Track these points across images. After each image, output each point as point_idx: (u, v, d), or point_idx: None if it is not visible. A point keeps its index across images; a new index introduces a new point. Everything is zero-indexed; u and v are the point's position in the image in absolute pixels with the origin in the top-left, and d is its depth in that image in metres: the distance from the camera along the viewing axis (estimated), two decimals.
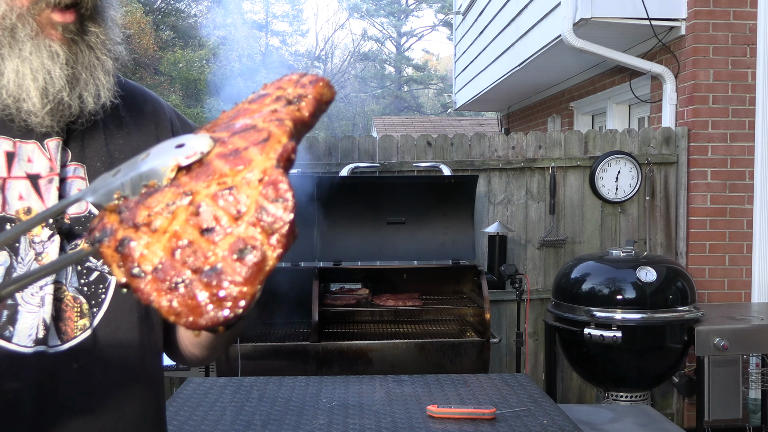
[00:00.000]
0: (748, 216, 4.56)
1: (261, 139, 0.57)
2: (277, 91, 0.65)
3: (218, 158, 0.56)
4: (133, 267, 0.55)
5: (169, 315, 0.54)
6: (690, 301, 3.70)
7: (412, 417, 2.06)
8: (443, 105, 28.65)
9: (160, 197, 0.56)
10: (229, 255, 0.53)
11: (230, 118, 0.64)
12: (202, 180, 0.55)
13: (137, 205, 0.56)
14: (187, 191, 0.55)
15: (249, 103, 0.66)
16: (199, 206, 0.54)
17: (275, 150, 0.56)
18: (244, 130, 0.59)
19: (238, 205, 0.54)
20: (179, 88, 20.38)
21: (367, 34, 31.24)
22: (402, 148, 4.59)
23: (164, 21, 23.56)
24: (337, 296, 3.94)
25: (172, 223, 0.55)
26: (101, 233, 0.57)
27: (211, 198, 0.54)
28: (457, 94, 9.60)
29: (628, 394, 3.79)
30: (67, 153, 0.95)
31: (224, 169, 0.55)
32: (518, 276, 4.00)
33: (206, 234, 0.54)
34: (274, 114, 0.60)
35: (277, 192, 0.54)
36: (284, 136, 0.57)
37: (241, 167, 0.55)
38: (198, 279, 0.53)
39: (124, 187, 0.58)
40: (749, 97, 4.54)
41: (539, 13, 5.67)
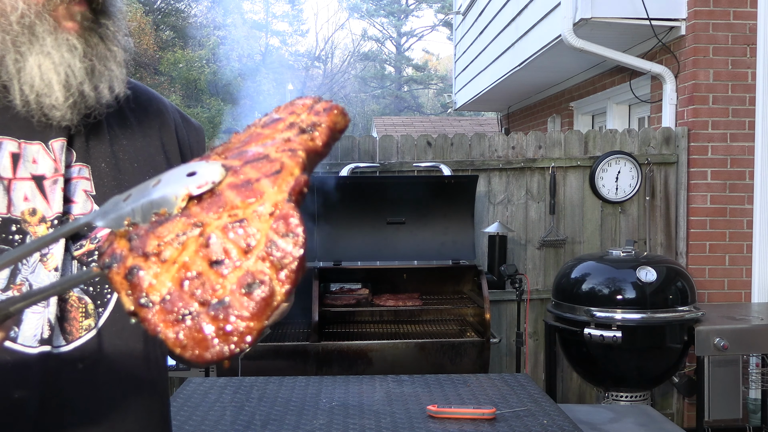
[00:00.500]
0: (748, 216, 4.56)
1: (273, 171, 0.56)
2: (290, 116, 0.64)
3: (230, 189, 0.56)
4: (142, 296, 0.55)
5: (174, 347, 0.54)
6: (690, 301, 3.70)
7: (412, 417, 2.06)
8: (443, 105, 28.65)
9: (171, 227, 0.56)
10: (237, 289, 0.53)
11: (242, 143, 0.63)
12: (213, 211, 0.55)
13: (147, 233, 0.56)
14: (198, 222, 0.55)
15: (261, 128, 0.65)
16: (209, 238, 0.54)
17: (287, 183, 0.56)
18: (256, 159, 0.58)
19: (248, 238, 0.53)
20: (179, 88, 20.38)
21: (367, 34, 31.24)
22: (402, 148, 4.59)
23: (164, 21, 23.56)
24: (337, 296, 3.94)
25: (182, 254, 0.54)
26: (111, 259, 0.57)
27: (221, 230, 0.54)
28: (457, 94, 9.60)
29: (628, 394, 3.79)
30: (71, 153, 0.95)
31: (235, 201, 0.55)
32: (518, 276, 4.00)
33: (215, 266, 0.53)
34: (287, 144, 0.60)
35: (288, 227, 0.53)
36: (297, 168, 0.57)
37: (253, 200, 0.55)
38: (205, 312, 0.53)
39: (135, 214, 0.58)
40: (749, 97, 4.54)
41: (539, 13, 5.67)
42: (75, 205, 0.94)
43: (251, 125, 0.69)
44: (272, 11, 30.91)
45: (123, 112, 1.02)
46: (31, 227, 0.90)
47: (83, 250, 0.93)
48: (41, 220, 0.90)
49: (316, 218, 3.98)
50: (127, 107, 1.03)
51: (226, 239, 0.54)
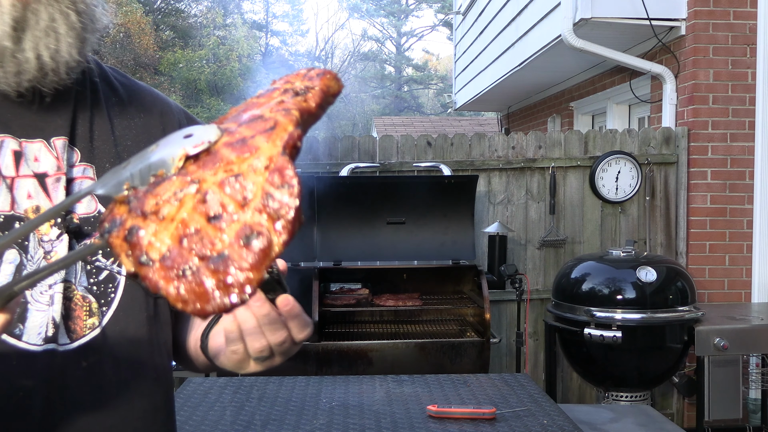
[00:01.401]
0: (748, 216, 4.57)
1: (267, 128, 0.58)
2: (285, 84, 0.66)
3: (225, 147, 0.57)
4: (142, 255, 0.55)
5: (176, 302, 0.54)
6: (690, 301, 3.70)
7: (412, 417, 2.06)
8: (443, 105, 28.65)
9: (168, 186, 0.57)
10: (235, 241, 0.53)
11: (239, 111, 0.65)
12: (209, 168, 0.56)
13: (146, 194, 0.57)
14: (195, 179, 0.56)
15: (257, 98, 0.66)
16: (206, 194, 0.55)
17: (281, 138, 0.57)
18: (251, 120, 0.60)
19: (244, 191, 0.54)
20: (179, 88, 20.39)
21: (367, 34, 31.25)
22: (402, 148, 4.59)
23: (164, 21, 23.56)
24: (337, 296, 3.94)
25: (180, 211, 0.55)
26: (110, 224, 0.58)
27: (217, 185, 0.55)
28: (457, 94, 9.60)
29: (628, 394, 3.79)
30: (75, 153, 0.94)
31: (231, 157, 0.56)
32: (518, 276, 4.00)
33: (213, 221, 0.54)
34: (281, 105, 0.61)
35: (283, 178, 0.54)
36: (290, 125, 0.58)
37: (248, 155, 0.56)
38: (205, 266, 0.53)
39: (134, 178, 0.59)
40: (749, 97, 4.54)
41: (539, 13, 5.67)
42: (80, 204, 0.94)
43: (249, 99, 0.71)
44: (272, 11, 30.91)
45: (127, 112, 1.02)
46: None
47: None
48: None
49: (316, 218, 3.98)
50: (132, 107, 1.02)
51: (223, 194, 0.55)
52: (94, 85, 1.00)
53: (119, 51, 18.58)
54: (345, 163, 4.47)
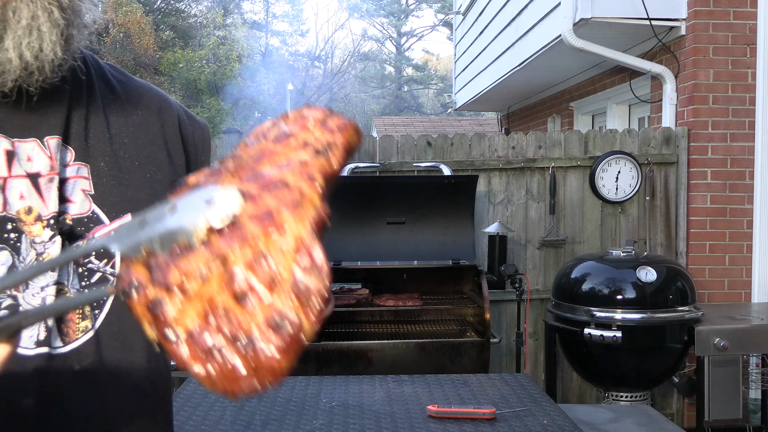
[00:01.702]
0: (748, 216, 4.56)
1: (293, 201, 0.56)
2: (302, 131, 0.63)
3: (251, 220, 0.55)
4: (167, 330, 0.54)
5: (204, 382, 0.53)
6: (690, 301, 3.70)
7: (412, 417, 2.06)
8: (443, 105, 28.66)
9: (193, 259, 0.55)
10: (265, 325, 0.52)
11: (254, 159, 0.63)
12: (236, 244, 0.54)
13: (168, 264, 0.56)
14: (221, 255, 0.54)
15: (273, 143, 0.64)
16: (233, 272, 0.54)
17: (309, 214, 0.55)
18: (274, 186, 0.58)
19: (273, 273, 0.53)
20: (179, 88, 20.39)
21: (367, 34, 31.25)
22: (402, 148, 4.59)
23: (164, 21, 23.57)
24: (337, 296, 3.94)
25: (206, 288, 0.54)
26: (130, 286, 0.56)
27: (245, 265, 0.53)
28: (457, 94, 9.60)
29: (628, 394, 3.79)
30: (69, 151, 0.92)
31: (258, 234, 0.54)
32: (518, 276, 4.00)
33: (241, 301, 0.53)
34: (304, 168, 0.59)
35: (313, 262, 0.53)
36: (316, 197, 0.57)
37: (275, 234, 0.54)
38: (234, 347, 0.52)
39: (153, 242, 0.57)
40: (749, 97, 4.54)
41: (539, 13, 5.67)
42: (72, 204, 0.91)
43: (259, 134, 0.68)
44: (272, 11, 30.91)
45: (124, 109, 0.99)
46: (26, 226, 0.88)
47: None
48: (37, 218, 0.88)
49: None
50: (128, 104, 1.00)
51: (251, 274, 0.53)
52: (90, 82, 0.98)
53: (119, 51, 18.58)
54: (349, 161, 4.47)
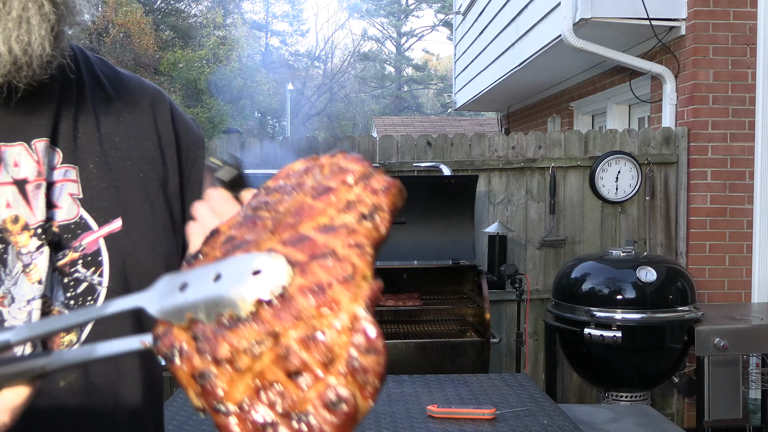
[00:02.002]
0: (748, 216, 4.56)
1: (345, 276, 0.55)
2: (342, 187, 0.61)
3: (301, 294, 0.54)
4: (216, 402, 0.53)
5: None
6: (690, 301, 3.70)
7: (412, 417, 2.06)
8: (443, 105, 28.66)
9: (243, 334, 0.53)
10: (319, 403, 0.51)
11: (293, 215, 0.61)
12: (287, 320, 0.53)
13: (217, 337, 0.54)
14: (272, 332, 0.53)
15: (312, 198, 0.62)
16: (285, 349, 0.52)
17: (362, 290, 0.54)
18: (322, 255, 0.56)
19: (327, 351, 0.52)
20: (179, 88, 20.39)
21: (367, 34, 31.25)
22: (402, 148, 4.59)
23: (164, 21, 23.56)
24: None
25: (257, 363, 0.53)
26: (172, 350, 0.55)
27: (298, 342, 0.52)
28: (457, 94, 9.60)
29: (628, 394, 3.79)
30: (56, 154, 0.88)
31: (310, 310, 0.53)
32: (518, 276, 4.00)
33: (294, 378, 0.52)
34: (352, 236, 0.58)
35: (369, 341, 0.52)
36: (368, 270, 0.56)
37: (328, 311, 0.53)
38: (288, 425, 0.51)
39: (197, 310, 0.55)
40: (749, 97, 4.54)
41: (539, 13, 5.67)
42: (59, 210, 0.86)
43: (290, 177, 0.66)
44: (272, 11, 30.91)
45: (115, 107, 0.95)
46: (13, 236, 0.83)
47: (66, 260, 0.86)
48: (24, 227, 0.84)
49: None
50: (118, 100, 0.96)
51: (305, 352, 0.52)
52: (80, 79, 0.93)
53: (119, 51, 18.58)
54: None
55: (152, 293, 0.59)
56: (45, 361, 0.58)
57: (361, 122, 28.33)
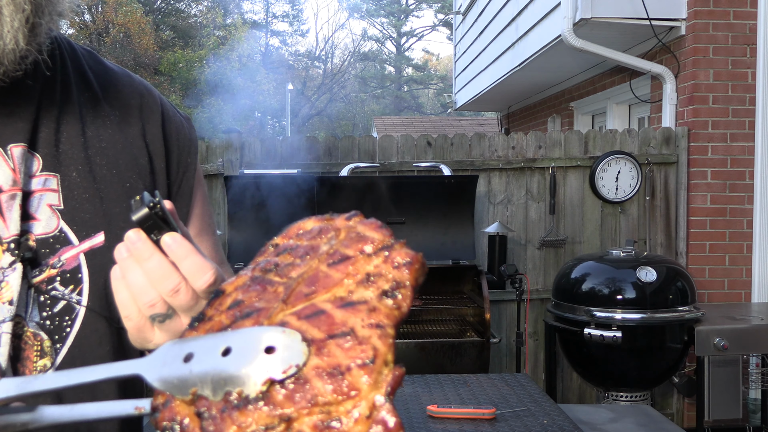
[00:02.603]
0: (748, 216, 4.56)
1: (366, 360, 0.51)
2: (361, 258, 0.57)
3: (317, 376, 0.50)
4: None
5: None
6: (690, 301, 3.70)
7: (412, 417, 2.06)
8: (443, 105, 28.66)
9: (253, 416, 0.50)
10: None
11: (307, 284, 0.56)
12: (301, 404, 0.49)
13: (223, 416, 0.50)
14: (284, 416, 0.49)
15: (328, 267, 0.57)
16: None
17: (383, 377, 0.50)
18: (340, 334, 0.52)
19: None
20: (179, 88, 20.39)
21: (367, 34, 31.25)
22: (402, 148, 4.59)
23: (164, 21, 23.57)
24: None
25: None
26: (172, 424, 0.52)
27: (311, 429, 0.49)
28: (457, 94, 9.60)
29: (628, 394, 3.79)
30: (35, 160, 0.80)
31: (326, 395, 0.49)
32: (518, 276, 4.00)
33: None
34: (373, 315, 0.53)
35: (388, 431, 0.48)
36: (390, 354, 0.51)
37: (346, 398, 0.49)
38: None
39: (203, 386, 0.51)
40: (749, 97, 4.54)
41: (539, 13, 5.67)
42: (37, 223, 0.79)
43: (302, 237, 0.62)
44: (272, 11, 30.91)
45: (102, 108, 0.88)
46: None
47: (43, 276, 0.79)
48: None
49: None
50: (105, 100, 0.88)
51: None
52: (65, 78, 0.86)
53: (119, 51, 18.59)
54: (345, 163, 4.47)
55: (153, 360, 0.55)
56: (28, 417, 0.55)
57: (361, 122, 28.33)
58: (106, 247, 0.81)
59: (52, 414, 0.56)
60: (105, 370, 0.57)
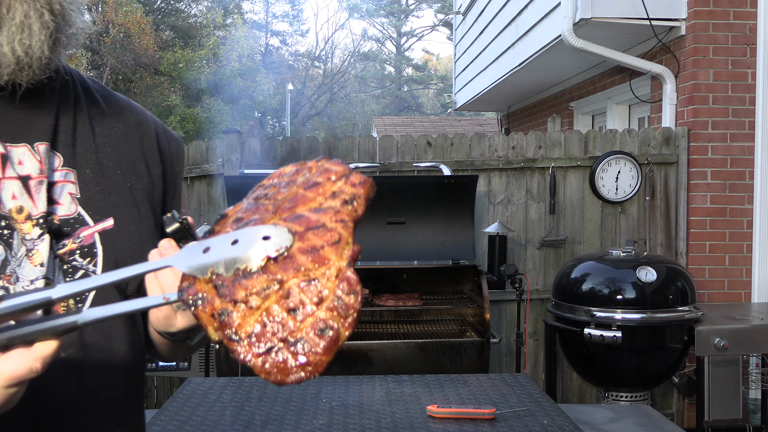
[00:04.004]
0: (748, 216, 4.57)
1: (334, 240, 0.72)
2: (328, 182, 0.79)
3: (300, 253, 0.70)
4: (232, 333, 0.69)
5: (260, 373, 0.68)
6: (690, 301, 3.70)
7: (412, 417, 2.06)
8: (443, 105, 28.65)
9: (255, 281, 0.70)
10: (312, 331, 0.67)
11: (290, 202, 0.77)
12: (290, 271, 0.70)
13: (234, 284, 0.70)
14: (278, 279, 0.69)
15: (305, 190, 0.79)
16: (288, 291, 0.69)
17: (347, 251, 0.71)
18: (316, 227, 0.73)
19: (319, 293, 0.68)
20: (179, 88, 20.38)
21: (367, 34, 31.24)
22: (402, 148, 4.59)
23: (164, 21, 23.56)
24: None
25: (265, 303, 0.69)
26: (196, 298, 0.71)
27: (297, 286, 0.69)
28: (457, 94, 9.60)
29: (628, 394, 3.79)
30: (57, 157, 0.99)
31: (307, 264, 0.70)
32: (518, 276, 4.00)
33: (293, 313, 0.68)
34: (338, 215, 0.75)
35: (351, 286, 0.69)
36: (350, 237, 0.73)
37: (321, 266, 0.70)
38: (286, 347, 0.67)
39: (218, 266, 0.71)
40: (749, 97, 4.54)
41: (539, 13, 5.67)
42: (60, 206, 0.98)
43: (283, 176, 0.83)
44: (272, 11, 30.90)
45: (107, 120, 1.07)
46: (18, 224, 0.94)
47: (66, 249, 0.97)
48: (27, 217, 0.95)
49: None
50: (112, 116, 1.08)
51: (303, 293, 0.69)
52: (76, 93, 1.05)
53: (119, 51, 18.56)
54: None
55: (180, 255, 0.74)
56: (75, 317, 0.69)
57: (361, 122, 28.32)
58: (115, 230, 1.01)
59: (94, 313, 0.70)
60: (142, 266, 0.74)
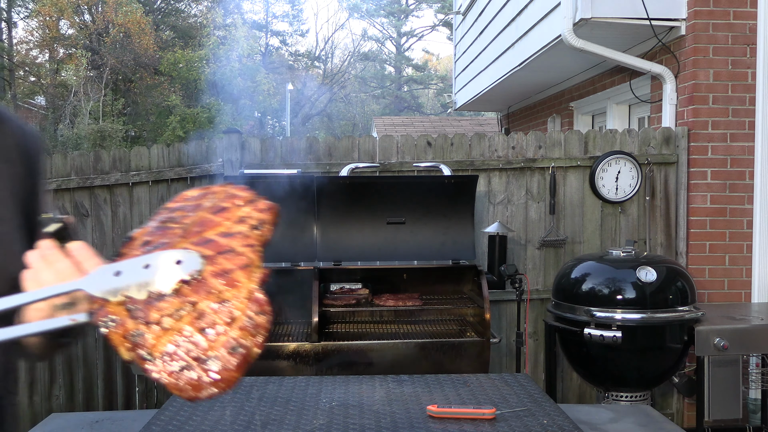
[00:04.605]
0: (748, 216, 4.57)
1: (243, 264, 0.76)
2: (235, 207, 0.83)
3: (212, 276, 0.74)
4: (145, 353, 0.72)
5: (174, 390, 0.71)
6: (690, 301, 3.70)
7: (412, 417, 2.06)
8: (443, 105, 28.65)
9: (169, 303, 0.73)
10: (224, 349, 0.71)
11: (198, 226, 0.80)
12: (202, 293, 0.73)
13: (147, 306, 0.73)
14: (191, 301, 0.73)
15: (212, 214, 0.82)
16: (201, 313, 0.72)
17: (256, 275, 0.76)
18: (226, 251, 0.77)
19: (231, 314, 0.73)
20: (179, 88, 20.37)
21: (367, 34, 31.24)
22: (402, 148, 4.59)
23: (164, 21, 23.56)
24: (337, 296, 3.94)
25: (178, 324, 0.72)
26: (107, 320, 0.73)
27: (210, 307, 0.72)
28: (457, 94, 9.60)
29: (628, 394, 3.79)
30: None
31: (219, 287, 0.74)
32: (518, 276, 4.00)
33: (205, 333, 0.72)
34: (246, 240, 0.79)
35: (261, 306, 0.74)
36: (259, 262, 0.77)
37: (232, 288, 0.74)
38: (199, 365, 0.70)
39: (131, 289, 0.73)
40: (749, 97, 4.54)
41: (539, 13, 5.67)
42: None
43: (189, 201, 0.86)
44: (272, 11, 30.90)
45: None
46: None
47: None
48: None
49: (316, 218, 3.97)
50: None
51: (215, 314, 0.72)
52: None
53: (119, 51, 18.56)
54: (345, 163, 4.47)
55: (90, 278, 0.76)
56: None
57: (361, 122, 28.32)
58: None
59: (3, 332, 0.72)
60: (54, 288, 0.76)
